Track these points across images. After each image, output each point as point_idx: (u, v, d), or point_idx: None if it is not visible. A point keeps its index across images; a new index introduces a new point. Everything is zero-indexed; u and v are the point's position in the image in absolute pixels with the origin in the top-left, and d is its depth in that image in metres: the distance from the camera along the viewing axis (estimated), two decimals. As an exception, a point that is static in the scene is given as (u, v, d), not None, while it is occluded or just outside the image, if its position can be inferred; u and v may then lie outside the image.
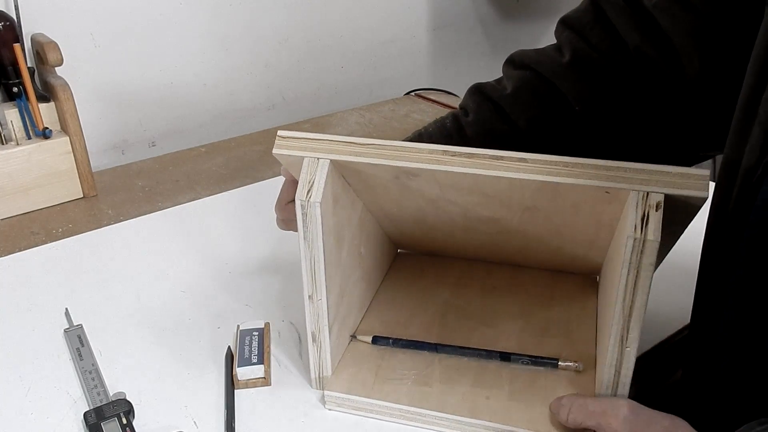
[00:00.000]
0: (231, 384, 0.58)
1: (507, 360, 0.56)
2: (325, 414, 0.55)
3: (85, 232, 0.83)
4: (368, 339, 0.59)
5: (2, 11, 0.87)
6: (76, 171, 0.90)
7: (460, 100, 0.66)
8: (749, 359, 0.47)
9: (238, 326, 0.63)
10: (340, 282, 0.55)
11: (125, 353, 0.63)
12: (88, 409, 0.54)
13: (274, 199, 0.62)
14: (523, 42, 1.58)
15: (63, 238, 0.82)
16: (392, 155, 0.49)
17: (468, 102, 0.65)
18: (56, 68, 0.89)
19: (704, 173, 0.43)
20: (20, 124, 0.86)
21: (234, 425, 0.54)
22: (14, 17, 0.88)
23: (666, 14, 0.56)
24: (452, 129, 0.64)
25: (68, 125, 0.87)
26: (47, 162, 0.87)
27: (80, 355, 0.62)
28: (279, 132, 0.51)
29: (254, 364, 0.58)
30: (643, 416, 0.45)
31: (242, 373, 0.58)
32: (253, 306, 0.69)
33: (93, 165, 0.93)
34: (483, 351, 0.57)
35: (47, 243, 0.81)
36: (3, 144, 0.85)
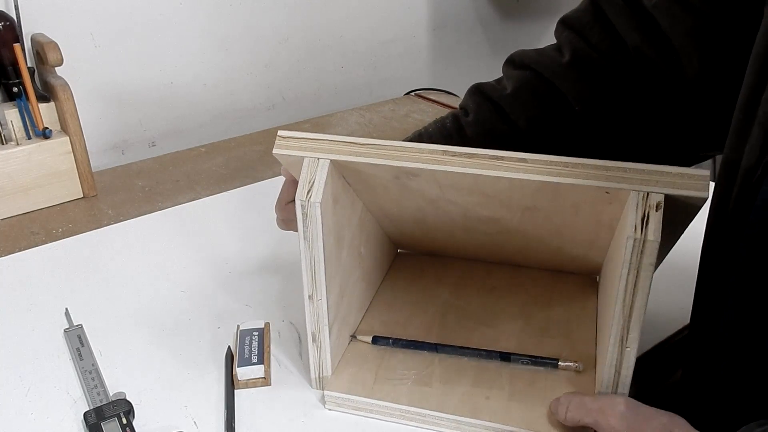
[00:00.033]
0: (231, 384, 0.58)
1: (507, 360, 0.56)
2: (325, 414, 0.55)
3: (85, 232, 0.83)
4: (368, 339, 0.59)
5: (2, 11, 0.87)
6: (76, 171, 0.90)
7: (460, 100, 0.66)
8: (749, 359, 0.47)
9: (238, 326, 0.63)
10: (340, 282, 0.55)
11: (125, 353, 0.63)
12: (88, 409, 0.54)
13: (274, 199, 0.62)
14: (523, 42, 1.58)
15: (63, 238, 0.82)
16: (392, 155, 0.49)
17: (468, 102, 0.65)
18: (56, 68, 0.89)
19: (704, 173, 0.43)
20: (20, 124, 0.86)
21: (234, 425, 0.54)
22: (14, 17, 0.88)
23: (666, 14, 0.56)
24: (452, 129, 0.64)
25: (68, 125, 0.87)
26: (47, 162, 0.87)
27: (80, 355, 0.62)
28: (279, 132, 0.51)
29: (254, 364, 0.58)
30: (641, 413, 0.45)
31: (242, 373, 0.58)
32: (253, 306, 0.69)
33: (93, 165, 0.93)
34: (483, 351, 0.57)
35: (47, 243, 0.81)
36: (3, 144, 0.85)
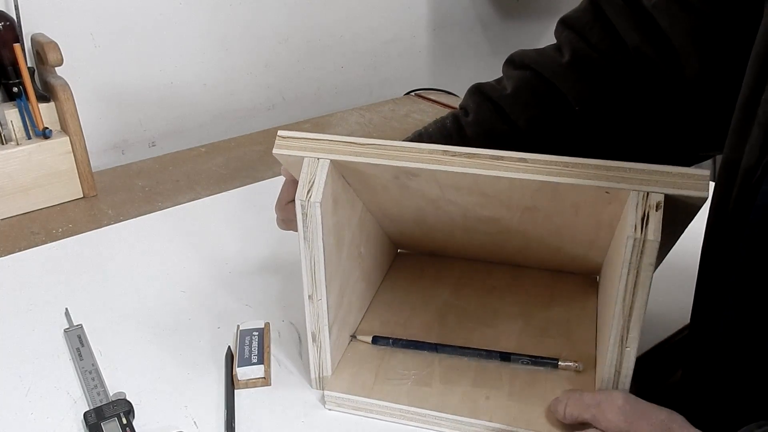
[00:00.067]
0: (231, 384, 0.58)
1: (507, 360, 0.56)
2: (325, 414, 0.55)
3: (85, 232, 0.83)
4: (368, 339, 0.59)
5: (2, 11, 0.87)
6: (76, 171, 0.90)
7: (460, 100, 0.66)
8: (749, 359, 0.47)
9: (238, 326, 0.63)
10: (340, 282, 0.55)
11: (125, 353, 0.63)
12: (88, 409, 0.54)
13: (274, 199, 0.62)
14: (523, 42, 1.58)
15: (63, 238, 0.82)
16: (392, 155, 0.49)
17: (468, 102, 0.65)
18: (56, 68, 0.89)
19: (704, 173, 0.43)
20: (20, 124, 0.86)
21: (234, 425, 0.54)
22: (14, 17, 0.88)
23: (665, 14, 0.56)
24: (452, 129, 0.64)
25: (68, 125, 0.87)
26: (47, 162, 0.87)
27: (80, 355, 0.62)
28: (279, 132, 0.51)
29: (254, 364, 0.58)
30: (639, 408, 0.45)
31: (242, 373, 0.58)
32: (253, 306, 0.69)
33: (93, 165, 0.93)
34: (483, 351, 0.57)
35: (47, 243, 0.81)
36: (3, 144, 0.85)
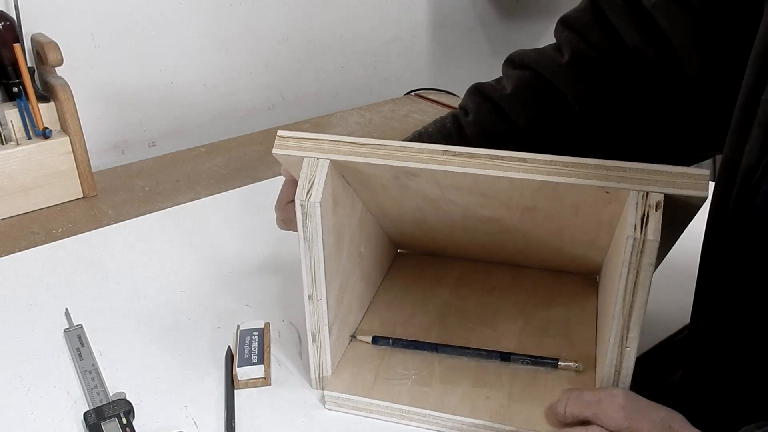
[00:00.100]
0: (231, 384, 0.58)
1: (507, 360, 0.56)
2: (325, 414, 0.55)
3: (85, 232, 0.83)
4: (368, 339, 0.59)
5: (2, 11, 0.87)
6: (76, 171, 0.90)
7: (460, 100, 0.66)
8: (749, 359, 0.47)
9: (238, 326, 0.63)
10: (340, 282, 0.55)
11: (125, 353, 0.63)
12: (88, 409, 0.54)
13: (274, 199, 0.62)
14: (523, 42, 1.58)
15: (63, 238, 0.82)
16: (392, 155, 0.49)
17: (468, 102, 0.65)
18: (56, 68, 0.89)
19: (704, 173, 0.43)
20: (20, 124, 0.86)
21: (234, 425, 0.54)
22: (14, 17, 0.88)
23: (665, 14, 0.56)
24: (452, 129, 0.64)
25: (68, 125, 0.87)
26: (47, 162, 0.87)
27: (80, 355, 0.62)
28: (279, 132, 0.51)
29: (254, 364, 0.58)
30: (640, 405, 0.45)
31: (242, 373, 0.58)
32: (253, 306, 0.69)
33: (93, 165, 0.93)
34: (483, 351, 0.57)
35: (47, 243, 0.81)
36: (3, 144, 0.85)
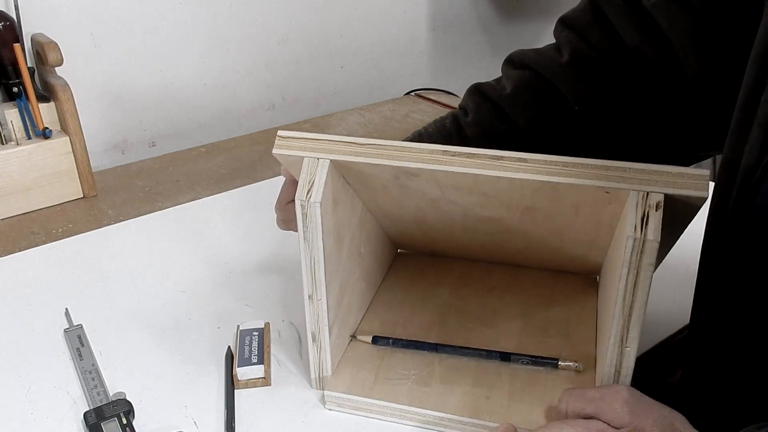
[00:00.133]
0: (231, 384, 0.58)
1: (507, 360, 0.56)
2: (325, 414, 0.55)
3: (85, 232, 0.83)
4: (368, 339, 0.59)
5: (2, 11, 0.87)
6: (76, 171, 0.90)
7: (460, 100, 0.66)
8: (749, 359, 0.47)
9: (238, 326, 0.63)
10: (340, 282, 0.55)
11: (125, 353, 0.63)
12: (88, 409, 0.54)
13: (274, 199, 0.62)
14: (523, 42, 1.58)
15: (63, 238, 0.82)
16: (392, 155, 0.49)
17: (467, 102, 0.65)
18: (56, 68, 0.89)
19: (704, 173, 0.43)
20: (20, 124, 0.86)
21: (234, 425, 0.54)
22: (14, 17, 0.88)
23: (665, 14, 0.56)
24: (452, 129, 0.64)
25: (68, 125, 0.87)
26: (47, 162, 0.87)
27: (80, 355, 0.62)
28: (279, 132, 0.51)
29: (254, 364, 0.58)
30: (643, 402, 0.45)
31: (242, 373, 0.58)
32: (253, 306, 0.69)
33: (93, 165, 0.93)
34: (483, 351, 0.57)
35: (47, 243, 0.81)
36: (3, 144, 0.85)
